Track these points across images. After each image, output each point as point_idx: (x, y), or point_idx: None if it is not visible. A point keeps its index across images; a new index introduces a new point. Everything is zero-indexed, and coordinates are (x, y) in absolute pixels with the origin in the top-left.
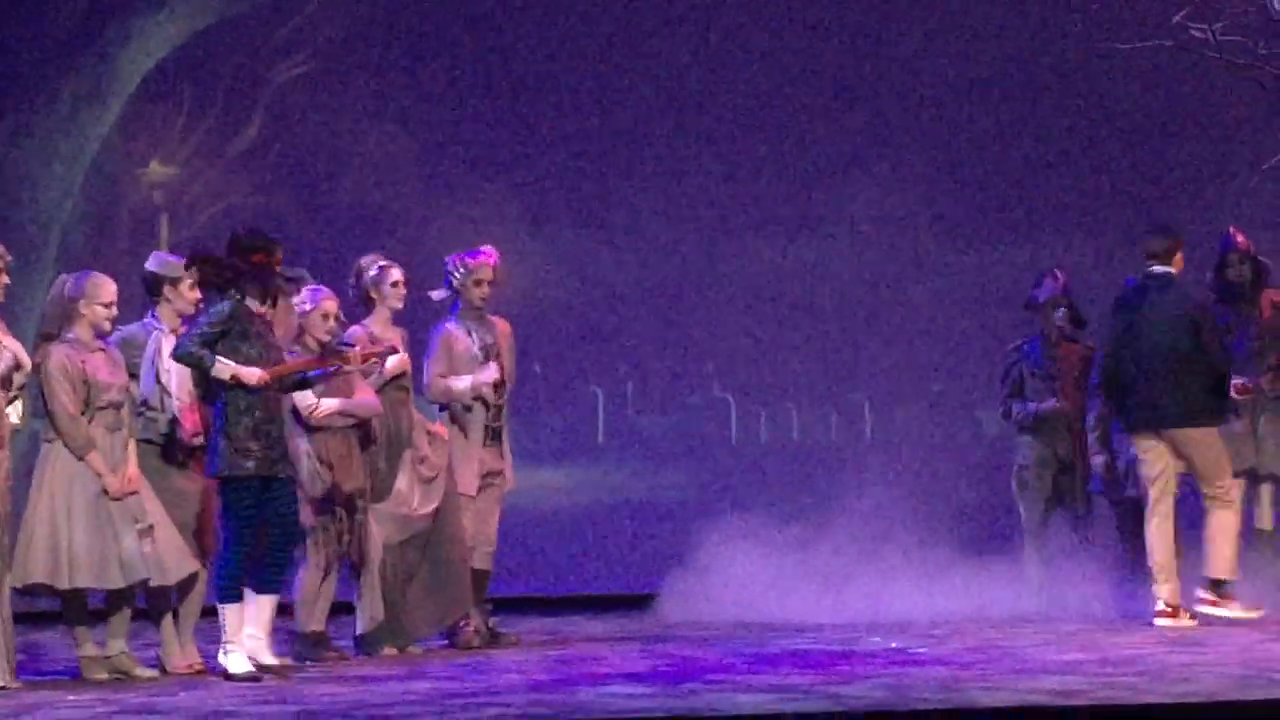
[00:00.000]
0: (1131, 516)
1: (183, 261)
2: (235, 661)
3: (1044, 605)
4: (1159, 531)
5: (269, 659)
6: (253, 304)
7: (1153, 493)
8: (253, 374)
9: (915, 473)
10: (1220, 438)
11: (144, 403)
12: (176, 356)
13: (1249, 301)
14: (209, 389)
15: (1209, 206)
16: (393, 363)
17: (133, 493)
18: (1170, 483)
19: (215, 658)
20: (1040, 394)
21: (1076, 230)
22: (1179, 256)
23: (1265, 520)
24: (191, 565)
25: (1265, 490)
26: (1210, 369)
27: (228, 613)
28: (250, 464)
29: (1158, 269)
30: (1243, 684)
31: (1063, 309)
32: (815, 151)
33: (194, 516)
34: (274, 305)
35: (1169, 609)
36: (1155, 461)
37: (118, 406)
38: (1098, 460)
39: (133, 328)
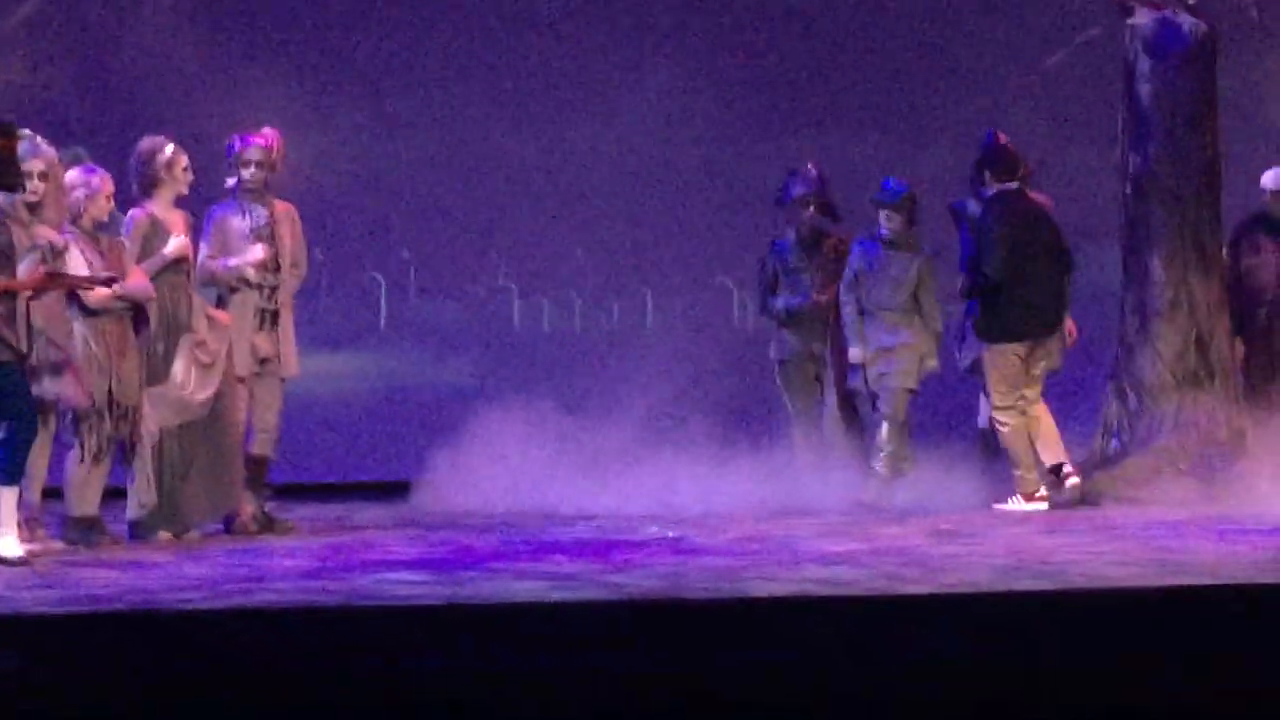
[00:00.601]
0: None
1: None
2: (8, 545)
3: (815, 496)
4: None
5: (16, 551)
6: None
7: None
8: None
9: (695, 364)
10: None
11: None
12: None
13: None
14: None
15: (987, 107)
16: (172, 246)
17: None
18: None
19: None
20: (794, 289)
21: (863, 126)
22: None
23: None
24: None
25: None
26: None
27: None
28: (13, 345)
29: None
30: (1007, 575)
31: (812, 206)
32: (601, 31)
33: None
34: (17, 190)
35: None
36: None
37: None
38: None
39: None
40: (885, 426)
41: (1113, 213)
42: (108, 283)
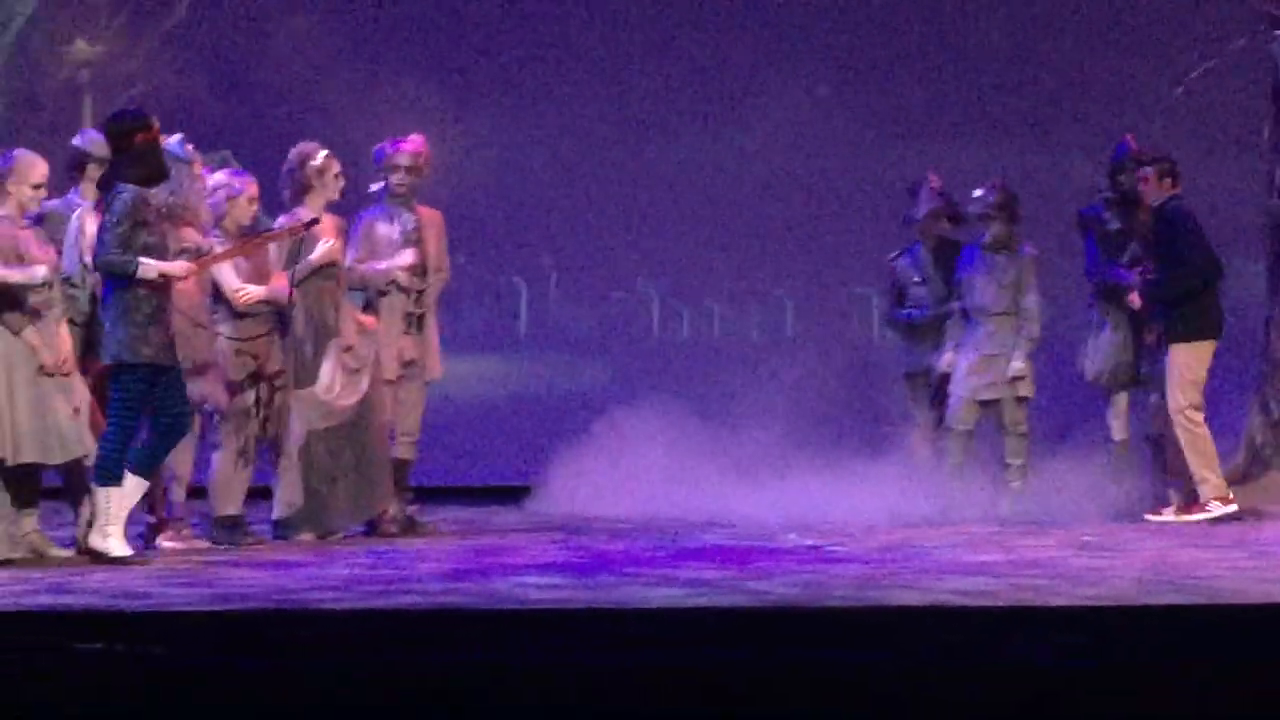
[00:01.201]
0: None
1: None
2: (116, 545)
3: (951, 507)
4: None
5: (123, 549)
6: (145, 190)
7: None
8: (179, 268)
9: (834, 373)
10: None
11: (66, 280)
12: (101, 267)
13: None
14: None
15: (1130, 119)
16: (320, 251)
17: (67, 373)
18: None
19: (138, 538)
20: (922, 301)
21: (1001, 136)
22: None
23: (1119, 430)
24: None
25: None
26: None
27: (111, 496)
28: (148, 350)
29: None
30: (1146, 589)
31: (943, 219)
32: (744, 41)
33: None
34: (160, 180)
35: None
36: None
37: (49, 285)
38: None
39: (55, 203)
40: (1012, 438)
41: (1258, 227)
42: (309, 226)
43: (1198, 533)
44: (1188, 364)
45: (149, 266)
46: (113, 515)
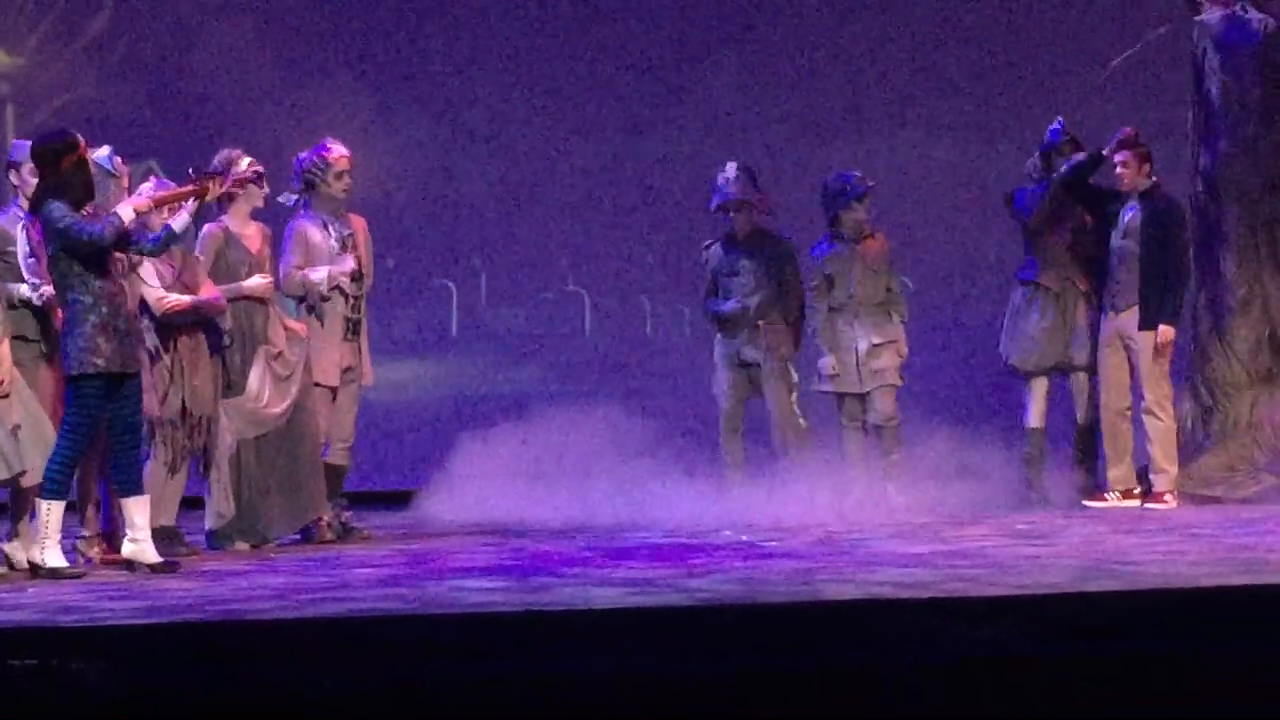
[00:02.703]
0: None
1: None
2: (53, 556)
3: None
4: None
5: (154, 557)
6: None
7: None
8: (131, 205)
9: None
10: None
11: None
12: (96, 238)
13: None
14: (60, 288)
15: (1054, 106)
16: (254, 284)
17: (4, 394)
18: None
19: (71, 553)
20: (728, 292)
21: (931, 128)
22: None
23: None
24: (18, 464)
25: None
26: None
27: (52, 509)
28: (100, 361)
29: None
30: (1083, 576)
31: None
32: (673, 37)
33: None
34: (89, 201)
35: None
36: None
37: None
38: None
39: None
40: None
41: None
42: (199, 195)
43: (1129, 519)
44: (1163, 352)
45: (119, 214)
46: (50, 528)
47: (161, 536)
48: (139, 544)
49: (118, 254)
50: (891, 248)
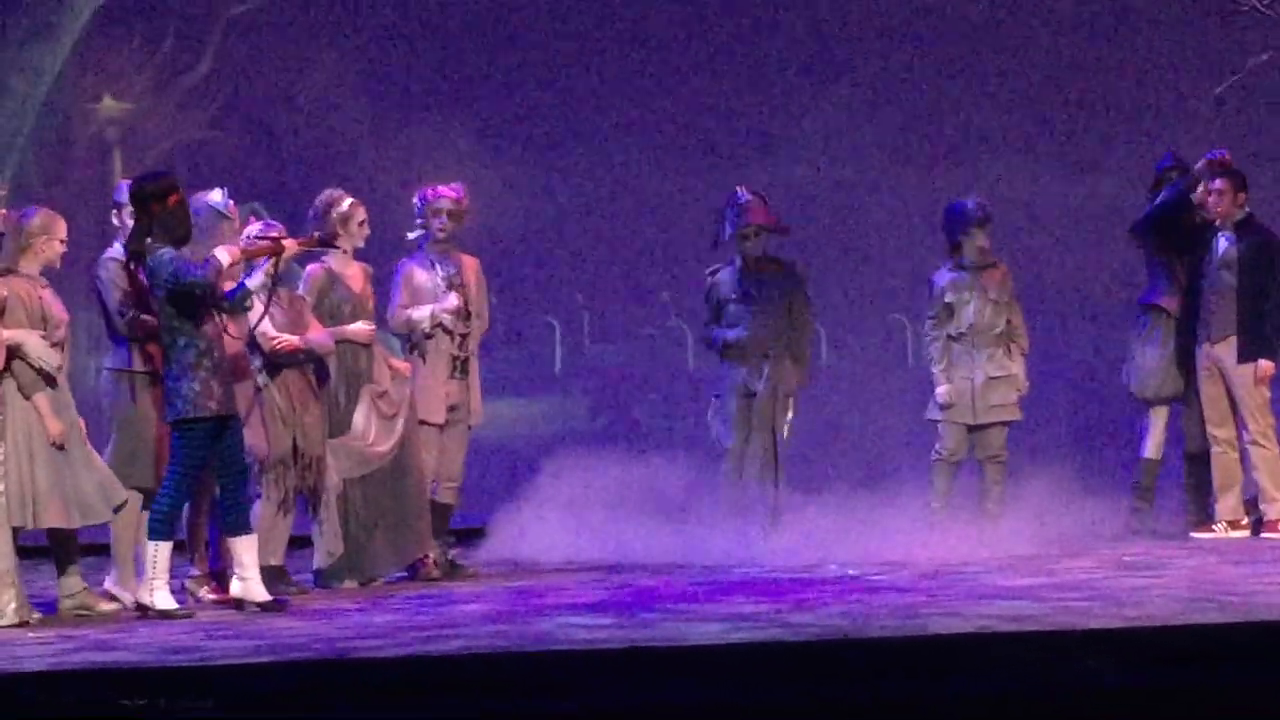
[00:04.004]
0: None
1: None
2: (162, 599)
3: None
4: None
5: (263, 596)
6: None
7: None
8: (227, 251)
9: (872, 402)
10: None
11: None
12: (202, 281)
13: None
14: (168, 331)
15: (1157, 135)
16: (358, 329)
17: (61, 445)
18: None
19: (181, 592)
20: (737, 319)
21: (1029, 156)
22: None
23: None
24: (119, 498)
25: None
26: None
27: (160, 550)
28: (212, 404)
29: None
30: (1190, 608)
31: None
32: (771, 75)
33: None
34: (188, 241)
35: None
36: None
37: (63, 344)
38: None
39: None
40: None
41: None
42: (275, 253)
43: (1239, 549)
44: (1263, 382)
45: (218, 258)
46: (159, 569)
47: (269, 576)
48: (247, 582)
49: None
50: (1013, 277)
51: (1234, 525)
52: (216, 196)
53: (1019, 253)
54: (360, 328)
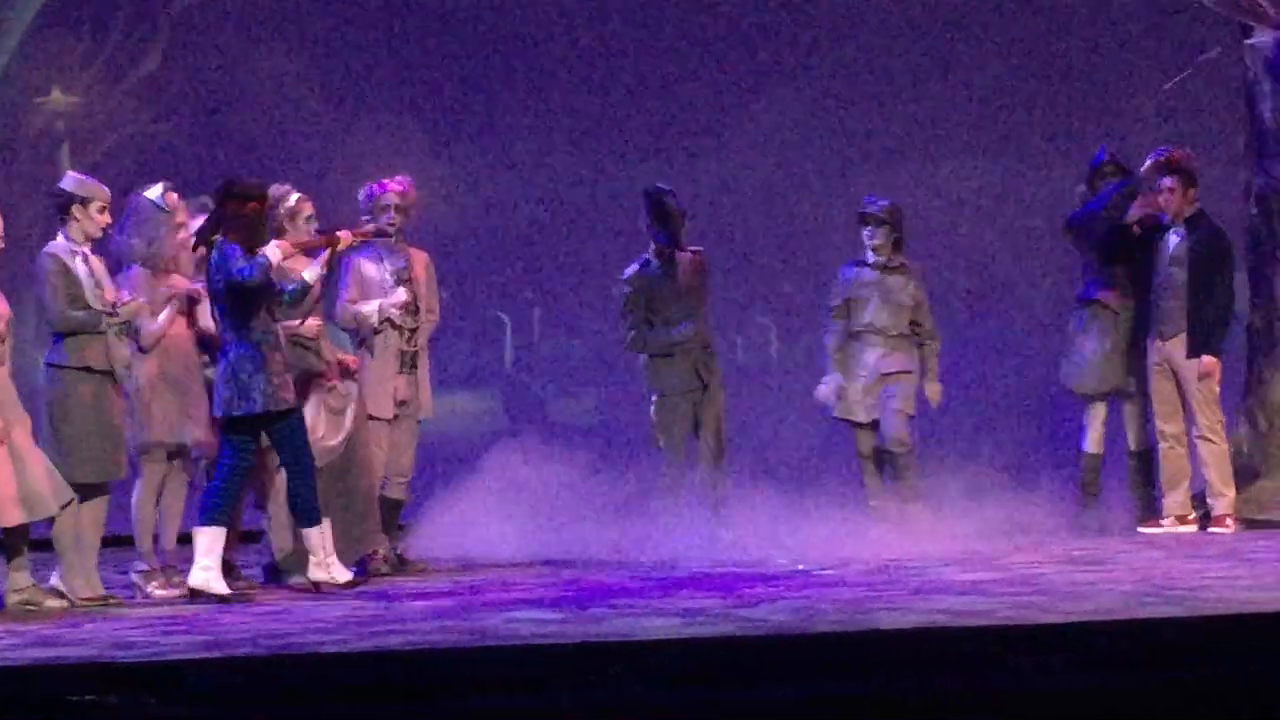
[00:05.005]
0: None
1: (96, 183)
2: (218, 582)
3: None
4: None
5: (345, 576)
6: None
7: None
8: (277, 247)
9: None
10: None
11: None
12: (245, 278)
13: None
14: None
15: (1106, 131)
16: (309, 326)
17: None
18: None
19: (128, 587)
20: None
21: (976, 153)
22: None
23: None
24: (66, 495)
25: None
26: None
27: (215, 536)
28: (289, 396)
29: None
30: (1138, 602)
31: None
32: (723, 73)
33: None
34: (259, 248)
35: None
36: None
37: (2, 338)
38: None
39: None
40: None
41: (1238, 235)
42: (331, 244)
43: (1186, 544)
44: (1214, 377)
45: (267, 256)
46: (212, 554)
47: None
48: (326, 566)
49: (175, 292)
50: (922, 274)
51: (1182, 520)
52: (155, 192)
53: (965, 248)
54: (309, 323)
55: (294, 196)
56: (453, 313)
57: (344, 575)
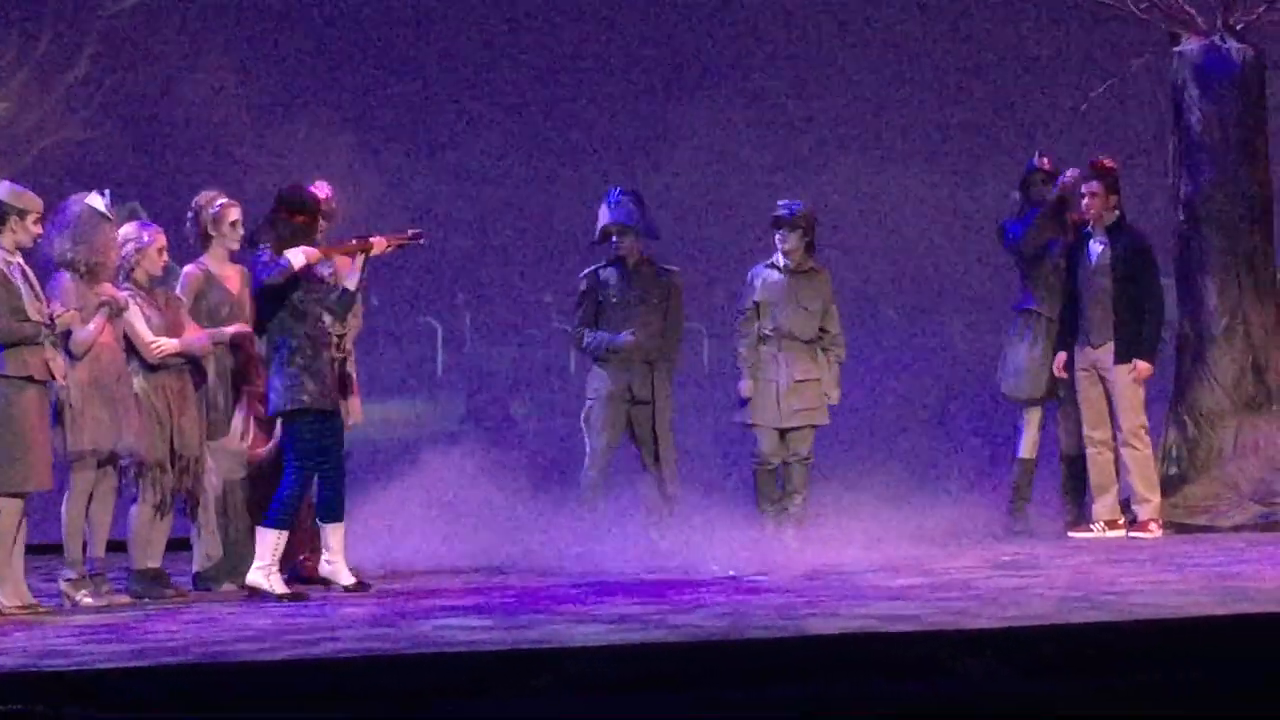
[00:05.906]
0: None
1: (31, 195)
2: (278, 582)
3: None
4: None
5: (349, 579)
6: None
7: None
8: (304, 253)
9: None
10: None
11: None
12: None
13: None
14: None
15: (1035, 138)
16: (233, 331)
17: None
18: None
19: (57, 596)
20: (622, 322)
21: (909, 159)
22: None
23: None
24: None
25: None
26: None
27: (279, 538)
28: (305, 398)
29: None
30: (1068, 607)
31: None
32: (654, 78)
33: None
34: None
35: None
36: None
37: None
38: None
39: None
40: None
41: (1166, 240)
42: (366, 250)
43: (1114, 549)
44: (1140, 382)
45: (290, 260)
46: (273, 556)
47: (148, 578)
48: (334, 566)
49: (104, 298)
50: (829, 280)
51: (1111, 525)
52: (98, 201)
53: (894, 253)
54: (239, 329)
55: (220, 201)
56: (383, 319)
57: (348, 579)
